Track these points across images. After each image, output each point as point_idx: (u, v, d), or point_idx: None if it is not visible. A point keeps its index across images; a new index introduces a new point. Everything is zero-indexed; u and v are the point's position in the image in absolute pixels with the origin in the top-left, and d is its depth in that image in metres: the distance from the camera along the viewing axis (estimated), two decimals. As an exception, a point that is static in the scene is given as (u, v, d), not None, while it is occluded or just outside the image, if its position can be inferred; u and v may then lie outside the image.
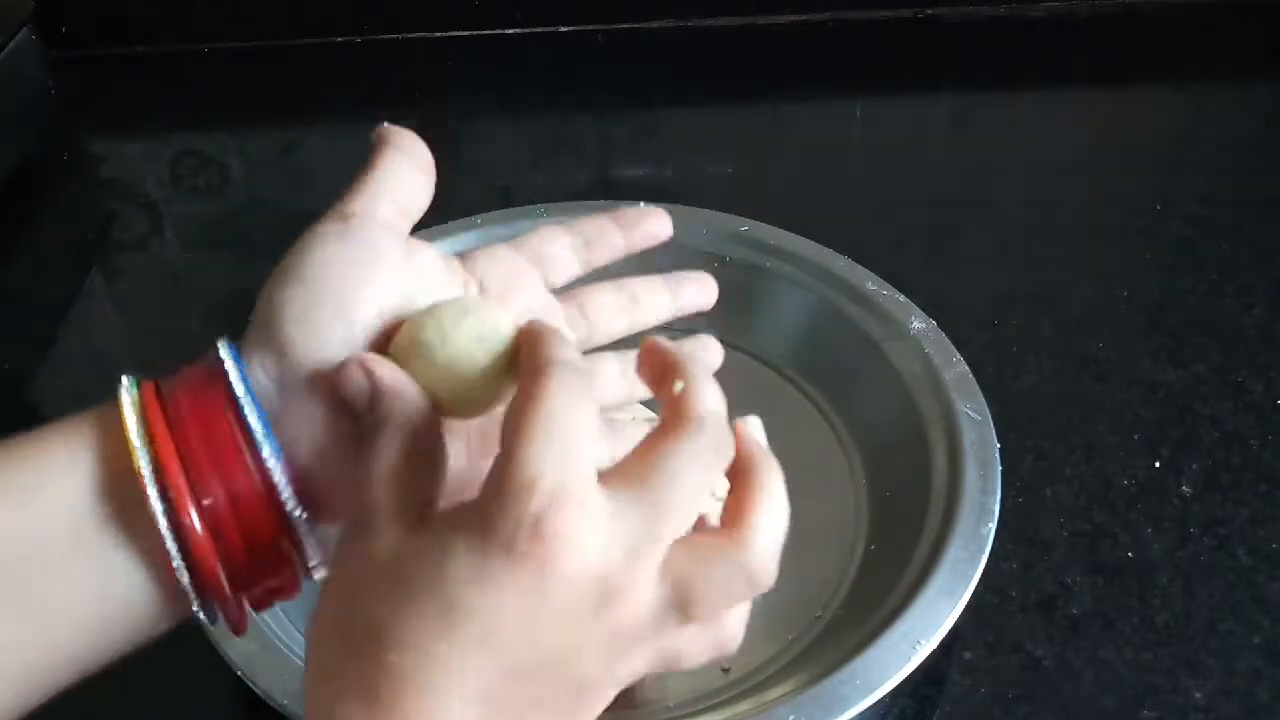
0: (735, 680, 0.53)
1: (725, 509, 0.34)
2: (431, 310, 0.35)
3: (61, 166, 0.95)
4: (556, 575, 0.30)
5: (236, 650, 0.48)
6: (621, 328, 0.42)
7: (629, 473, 0.32)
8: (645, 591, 0.31)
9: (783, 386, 0.67)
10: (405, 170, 0.37)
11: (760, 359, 0.68)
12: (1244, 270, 0.78)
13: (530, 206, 0.74)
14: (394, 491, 0.32)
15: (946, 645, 0.54)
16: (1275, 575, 0.58)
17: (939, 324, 0.63)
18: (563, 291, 0.42)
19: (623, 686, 0.33)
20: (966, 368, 0.61)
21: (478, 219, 0.72)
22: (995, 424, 0.59)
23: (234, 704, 0.52)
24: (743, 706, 0.50)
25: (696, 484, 0.32)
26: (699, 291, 0.45)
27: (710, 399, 0.33)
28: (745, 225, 0.71)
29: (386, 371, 0.33)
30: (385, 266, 0.35)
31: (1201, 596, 0.57)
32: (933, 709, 0.53)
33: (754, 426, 0.37)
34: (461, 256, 0.40)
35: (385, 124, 0.38)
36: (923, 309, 0.64)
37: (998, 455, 0.56)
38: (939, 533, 0.53)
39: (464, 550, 0.30)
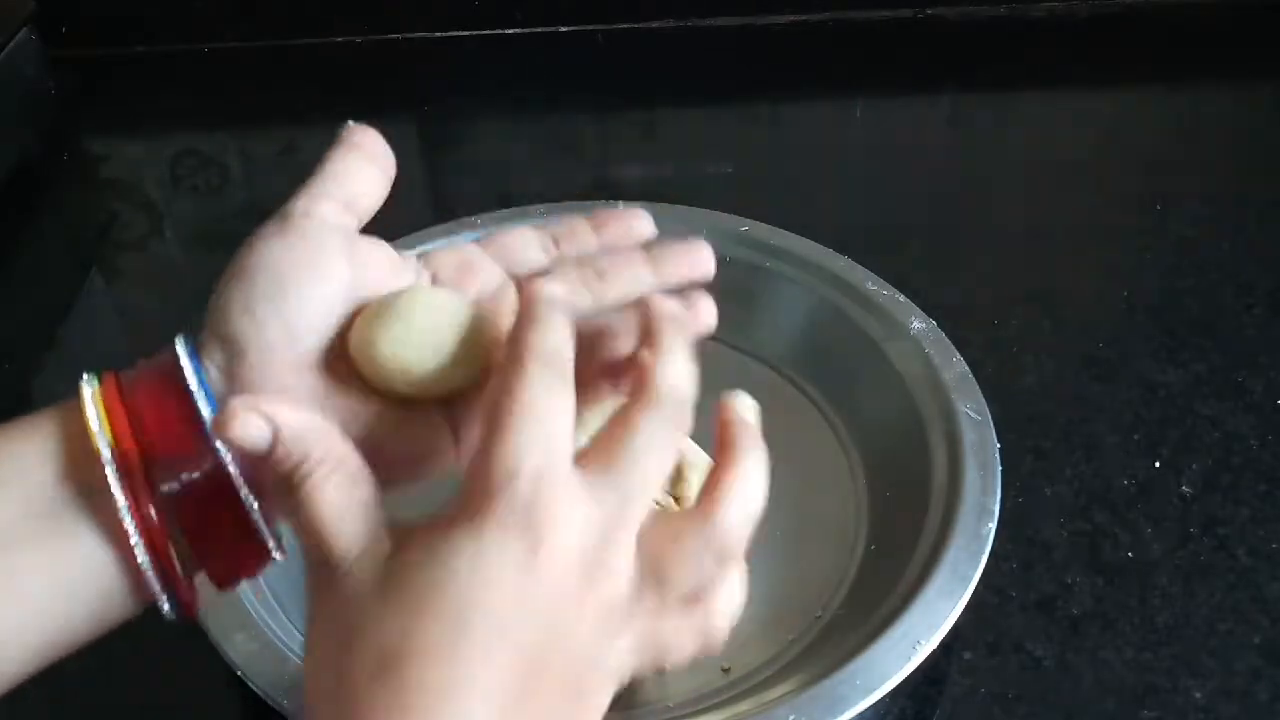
0: (735, 680, 0.53)
1: (704, 485, 0.35)
2: (385, 298, 0.37)
3: (61, 166, 0.95)
4: (547, 554, 0.31)
5: (236, 650, 0.48)
6: (585, 304, 0.40)
7: (599, 454, 0.33)
8: (623, 568, 0.32)
9: (782, 386, 0.67)
10: (353, 169, 0.39)
11: (760, 359, 0.68)
12: (1244, 270, 0.78)
13: (530, 206, 0.74)
14: (351, 526, 0.32)
15: (946, 645, 0.54)
16: (1275, 575, 0.58)
17: (939, 324, 0.63)
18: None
19: (620, 679, 0.33)
20: (966, 368, 0.61)
21: (477, 219, 0.72)
22: (995, 424, 0.59)
23: (233, 703, 0.52)
24: (743, 706, 0.50)
25: (654, 463, 0.33)
26: (688, 264, 0.41)
27: (672, 373, 0.34)
28: (745, 225, 0.71)
29: (290, 417, 0.32)
30: (326, 262, 0.37)
31: (1201, 596, 0.57)
32: (933, 709, 0.53)
33: (741, 403, 0.37)
34: (422, 256, 0.41)
35: (349, 123, 0.40)
36: (923, 309, 0.64)
37: (998, 455, 0.56)
38: (939, 533, 0.53)
39: (460, 548, 0.31)
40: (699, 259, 0.41)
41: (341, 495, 0.32)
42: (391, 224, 0.76)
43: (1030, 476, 0.63)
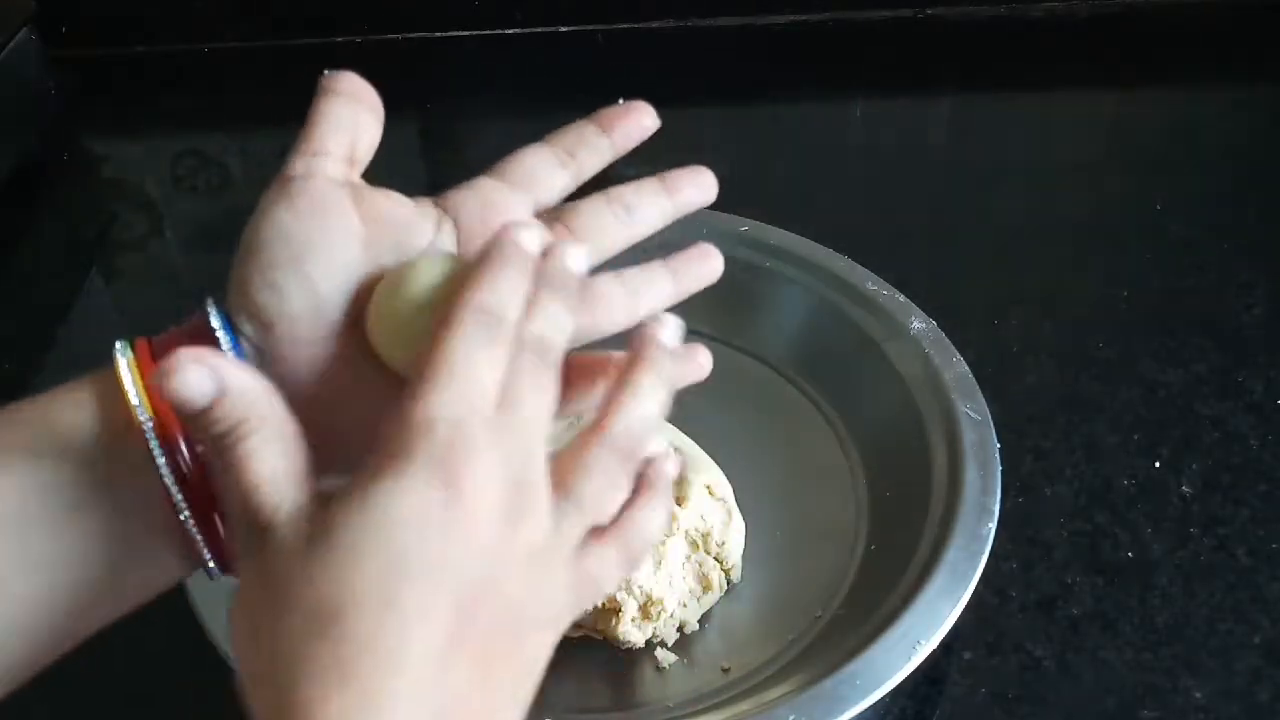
0: (735, 680, 0.53)
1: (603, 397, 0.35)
2: (399, 270, 0.36)
3: (61, 166, 0.95)
4: (470, 499, 0.31)
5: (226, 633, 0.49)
6: (620, 241, 0.41)
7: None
8: (542, 505, 0.33)
9: (782, 386, 0.67)
10: (345, 116, 0.38)
11: (760, 359, 0.68)
12: (1244, 270, 0.78)
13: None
14: (283, 489, 0.32)
15: (946, 645, 0.54)
16: (1275, 575, 0.58)
17: (939, 324, 0.63)
18: (553, 214, 0.41)
19: (559, 624, 0.34)
20: (966, 368, 0.61)
21: None
22: (995, 424, 0.59)
23: (232, 700, 0.51)
24: (743, 706, 0.50)
25: (596, 488, 0.34)
26: (697, 190, 0.44)
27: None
28: (745, 225, 0.71)
29: (235, 374, 0.32)
30: (339, 223, 0.36)
31: (1201, 596, 0.57)
32: (933, 709, 0.53)
33: (664, 325, 0.37)
34: (439, 195, 0.40)
35: (327, 71, 0.39)
36: (923, 309, 0.65)
37: (998, 455, 0.56)
38: (939, 533, 0.53)
39: (387, 498, 0.30)
40: (707, 185, 0.45)
41: (275, 457, 0.32)
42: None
43: (1030, 476, 0.63)
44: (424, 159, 0.95)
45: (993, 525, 0.53)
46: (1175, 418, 0.67)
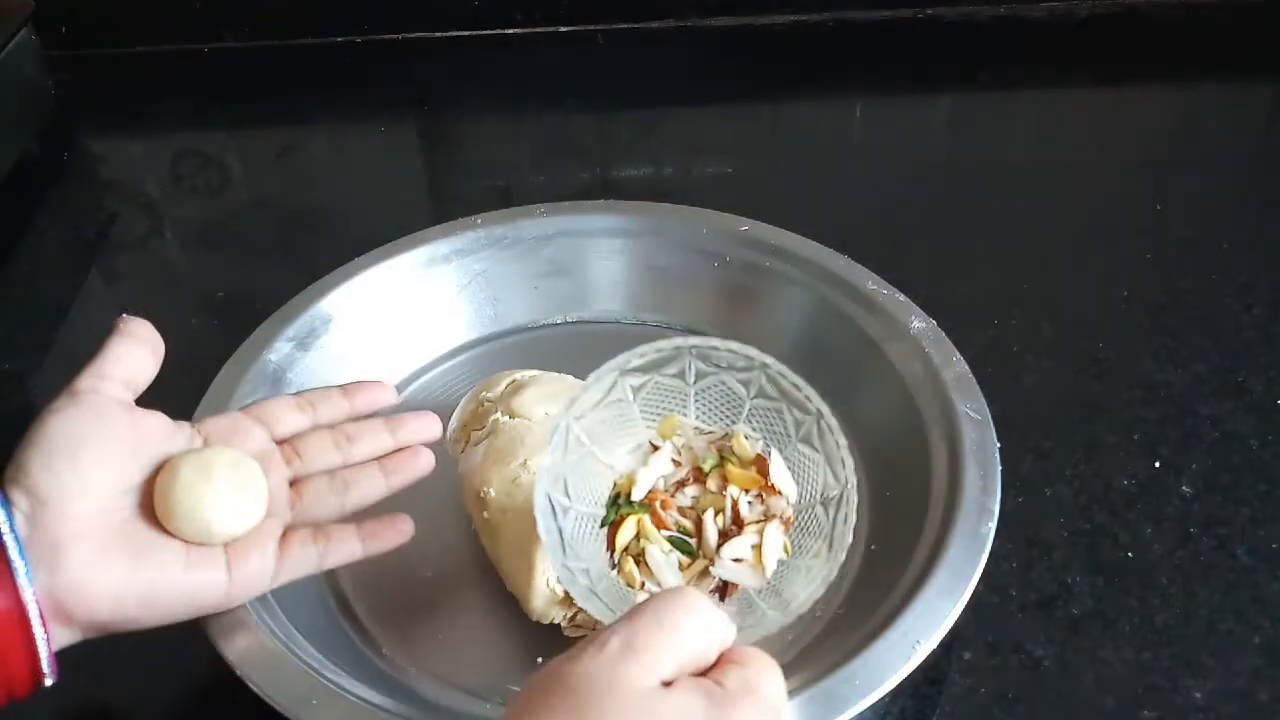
0: None
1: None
2: (186, 456, 0.48)
3: (61, 166, 0.95)
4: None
5: (233, 648, 0.49)
6: (335, 460, 0.53)
7: None
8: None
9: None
10: (129, 352, 0.49)
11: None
12: (1244, 270, 0.78)
13: (530, 206, 0.74)
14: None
15: (946, 645, 0.54)
16: (1275, 575, 0.58)
17: (939, 324, 0.63)
18: (288, 442, 0.53)
19: None
20: (966, 367, 0.61)
21: (478, 219, 0.72)
22: (995, 424, 0.59)
23: (230, 702, 0.51)
24: None
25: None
26: (421, 428, 0.55)
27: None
28: (745, 225, 0.71)
29: None
30: (111, 428, 0.47)
31: (1201, 596, 0.57)
32: (933, 709, 0.53)
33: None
34: (195, 423, 0.51)
35: (123, 315, 0.50)
36: (923, 309, 0.64)
37: (997, 455, 0.56)
38: (939, 532, 0.53)
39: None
40: (428, 425, 0.55)
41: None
42: (392, 224, 0.76)
43: (1030, 476, 0.63)
44: (423, 159, 0.95)
45: (993, 525, 0.53)
46: (1175, 418, 0.67)
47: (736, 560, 0.50)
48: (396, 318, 0.70)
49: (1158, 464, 0.64)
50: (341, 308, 0.68)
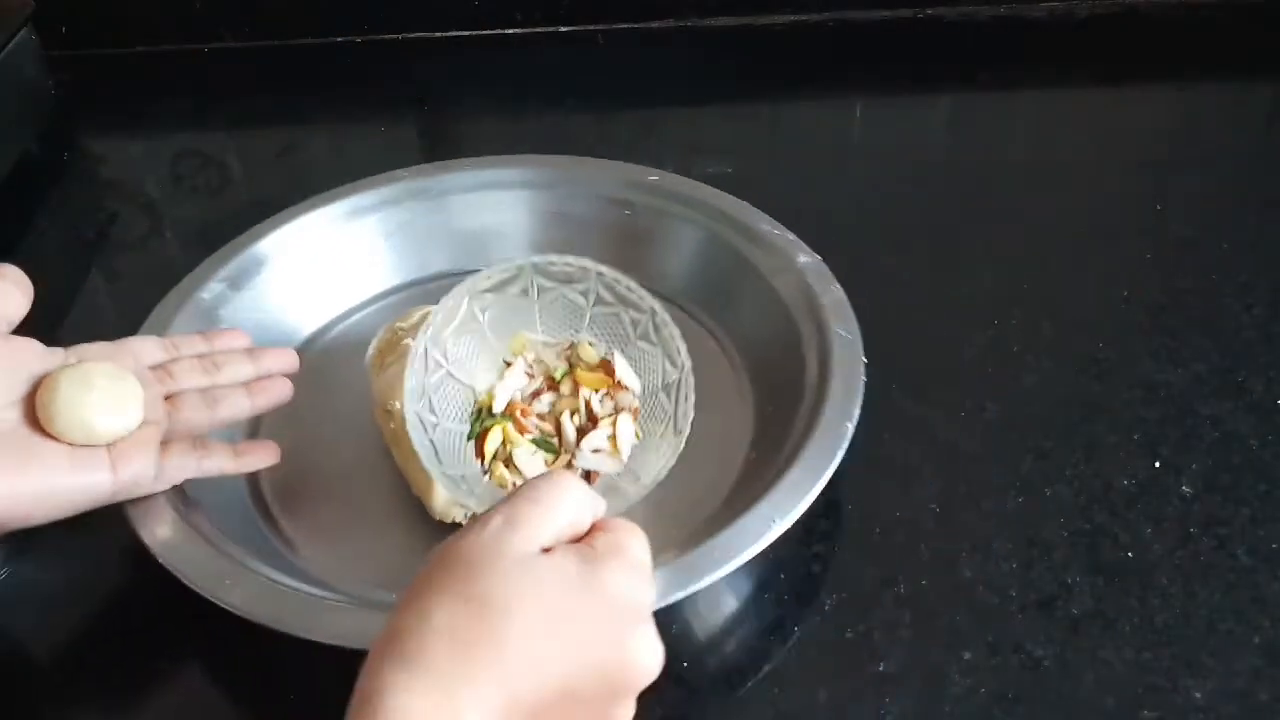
0: None
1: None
2: (66, 369, 0.54)
3: (61, 166, 0.95)
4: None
5: (152, 537, 0.54)
6: (204, 382, 0.59)
7: None
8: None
9: (684, 320, 0.71)
10: (1, 290, 0.55)
11: (663, 295, 0.71)
12: (1244, 270, 0.78)
13: (454, 160, 0.80)
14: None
15: (947, 645, 0.55)
16: (1275, 575, 0.58)
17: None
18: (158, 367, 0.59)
19: None
20: (843, 295, 0.65)
21: (402, 172, 0.78)
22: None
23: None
24: None
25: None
26: (280, 359, 0.62)
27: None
28: (655, 175, 0.77)
29: None
30: None
31: (1201, 596, 0.57)
32: (933, 709, 0.53)
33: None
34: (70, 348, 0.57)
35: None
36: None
37: (862, 368, 0.61)
38: (804, 432, 0.58)
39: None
40: (286, 357, 0.62)
41: None
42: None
43: (1030, 476, 0.63)
44: (424, 159, 0.95)
45: (851, 425, 0.58)
46: (1175, 418, 0.67)
47: (595, 451, 0.57)
48: (326, 262, 0.75)
49: (1158, 464, 0.64)
50: (273, 252, 0.73)
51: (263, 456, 0.60)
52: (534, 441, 0.57)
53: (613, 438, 0.56)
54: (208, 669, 0.56)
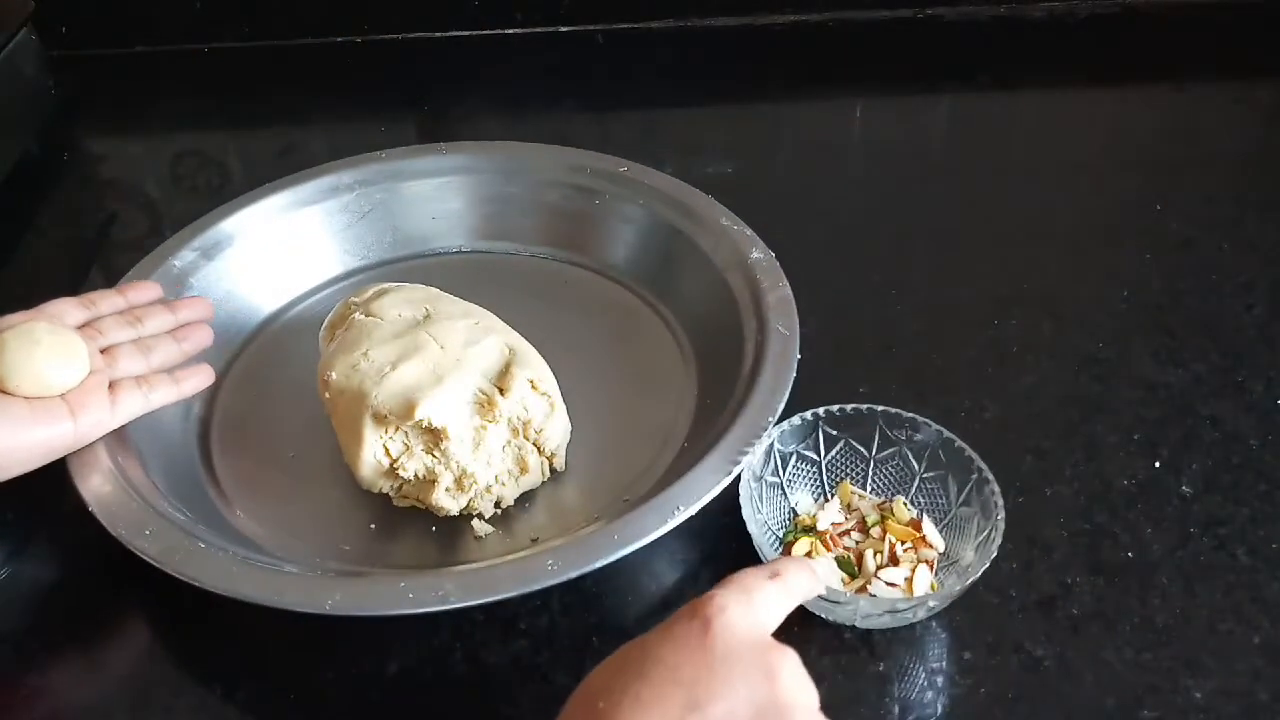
0: (538, 548, 0.59)
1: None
2: (13, 330, 0.57)
3: (61, 166, 0.95)
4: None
5: (90, 490, 0.57)
6: (131, 335, 0.63)
7: None
8: None
9: (638, 306, 0.74)
10: None
11: (617, 280, 0.76)
12: (1244, 270, 0.78)
13: (433, 144, 0.81)
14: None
15: (946, 645, 0.55)
16: (1275, 575, 0.58)
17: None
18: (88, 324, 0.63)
19: None
20: (789, 293, 0.67)
21: (382, 153, 0.80)
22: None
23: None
24: (520, 554, 0.57)
25: None
26: (197, 306, 0.67)
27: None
28: (624, 166, 0.78)
29: None
30: None
31: (1201, 596, 0.57)
32: (933, 709, 0.53)
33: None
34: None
35: None
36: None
37: (794, 363, 0.62)
38: (726, 423, 0.59)
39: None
40: (202, 304, 0.68)
41: None
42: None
43: (1030, 476, 0.63)
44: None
45: (772, 419, 0.59)
46: (1175, 418, 0.67)
47: (890, 584, 0.57)
48: (299, 238, 0.77)
49: (1158, 464, 0.64)
50: (247, 226, 0.75)
51: (201, 379, 0.64)
52: (836, 559, 0.58)
53: (910, 580, 0.57)
54: (204, 663, 0.56)
